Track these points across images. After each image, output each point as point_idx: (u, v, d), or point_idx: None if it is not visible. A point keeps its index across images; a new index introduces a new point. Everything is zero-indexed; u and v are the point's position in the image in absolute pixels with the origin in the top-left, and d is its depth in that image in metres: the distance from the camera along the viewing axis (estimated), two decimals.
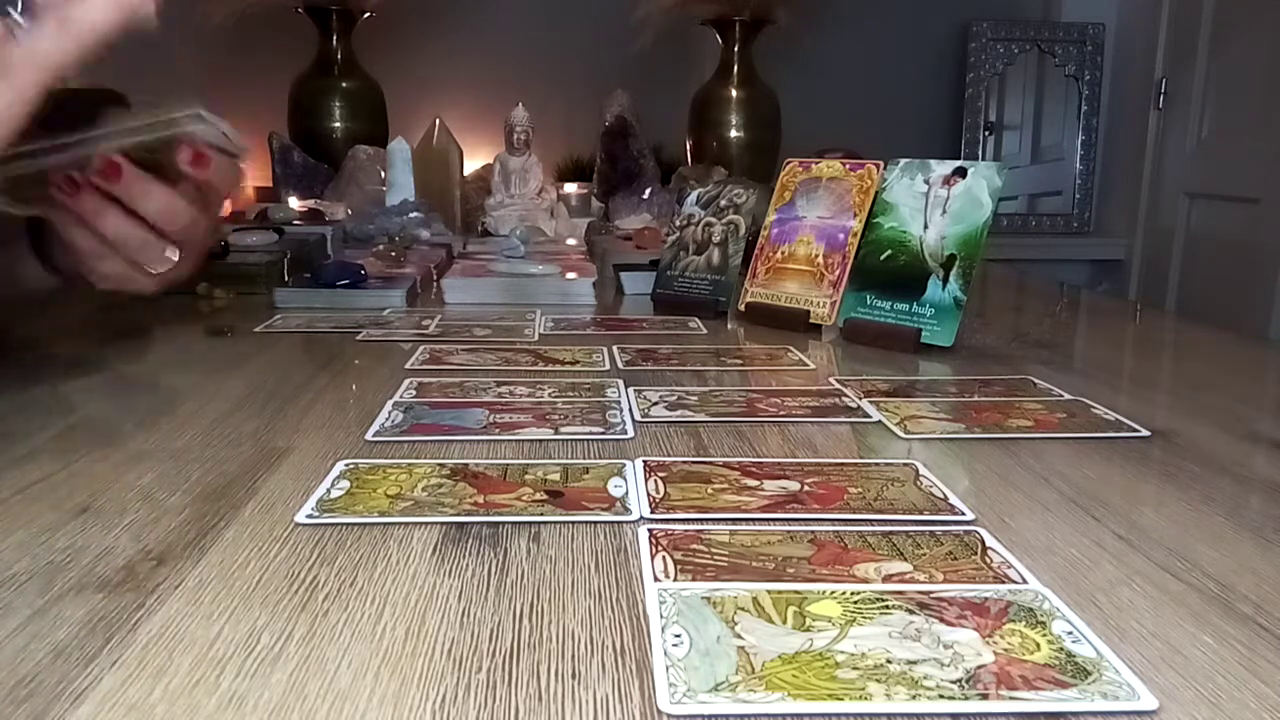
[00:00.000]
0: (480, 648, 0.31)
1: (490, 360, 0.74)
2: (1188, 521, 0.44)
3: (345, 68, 1.94)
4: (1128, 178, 2.28)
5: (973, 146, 2.38)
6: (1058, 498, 0.46)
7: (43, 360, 0.71)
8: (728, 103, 2.01)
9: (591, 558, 0.39)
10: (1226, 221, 1.97)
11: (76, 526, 0.41)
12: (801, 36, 2.08)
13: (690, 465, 0.49)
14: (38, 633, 0.32)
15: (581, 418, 0.58)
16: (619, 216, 1.67)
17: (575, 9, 2.25)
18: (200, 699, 0.28)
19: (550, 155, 2.04)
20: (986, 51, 2.36)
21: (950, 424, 0.58)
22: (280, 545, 0.39)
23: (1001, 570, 0.37)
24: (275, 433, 0.55)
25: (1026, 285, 1.37)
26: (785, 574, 0.37)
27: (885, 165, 0.89)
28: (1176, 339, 1.01)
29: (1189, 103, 2.08)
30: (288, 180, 1.75)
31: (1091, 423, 0.59)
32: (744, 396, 0.64)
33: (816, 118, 2.10)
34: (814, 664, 0.30)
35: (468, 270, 1.11)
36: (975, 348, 0.81)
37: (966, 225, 0.80)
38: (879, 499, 0.45)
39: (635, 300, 1.05)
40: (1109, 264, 2.32)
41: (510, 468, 0.49)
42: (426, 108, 1.94)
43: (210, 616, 0.33)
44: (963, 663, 0.30)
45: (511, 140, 1.55)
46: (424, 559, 0.38)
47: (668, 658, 0.30)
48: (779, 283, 0.91)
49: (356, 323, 0.87)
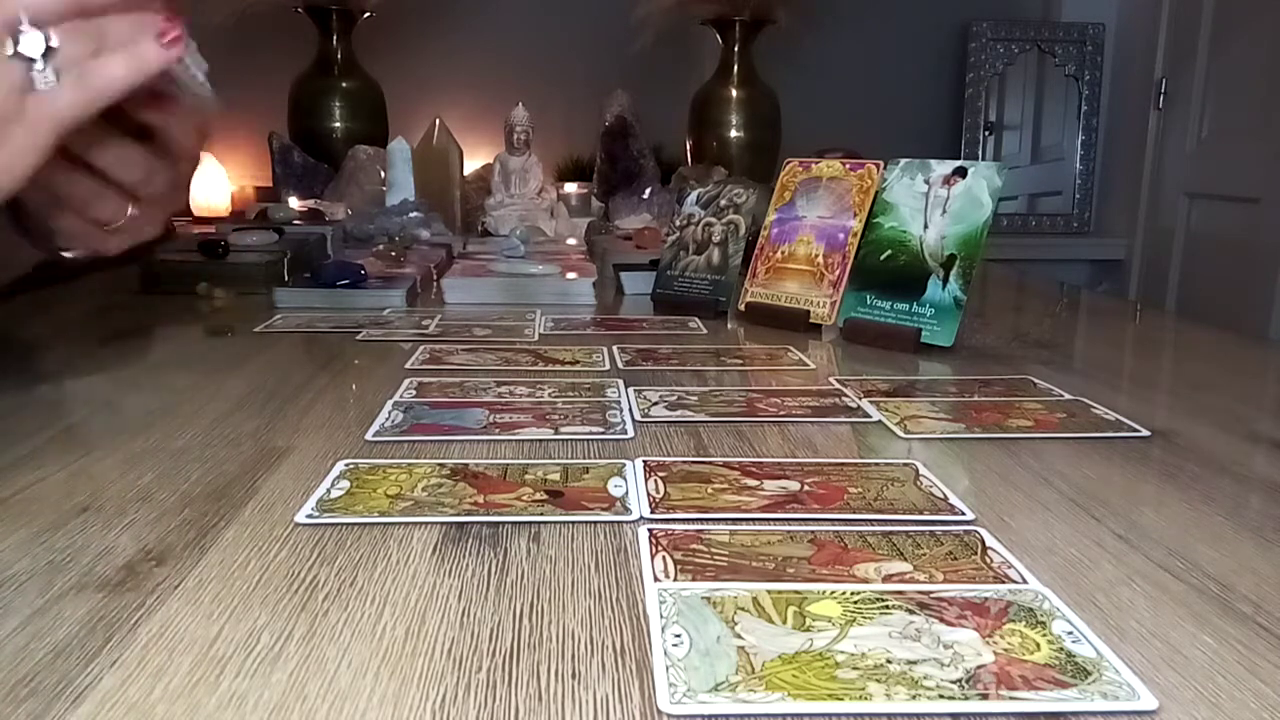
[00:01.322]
0: (480, 648, 0.31)
1: (490, 360, 0.74)
2: (1188, 521, 0.44)
3: (345, 68, 1.94)
4: (1128, 178, 2.28)
5: (973, 146, 2.38)
6: (1058, 497, 0.46)
7: (43, 360, 0.71)
8: (728, 103, 2.01)
9: (591, 558, 0.39)
10: (1226, 221, 1.97)
11: (76, 526, 0.41)
12: (801, 36, 2.08)
13: (690, 465, 0.49)
14: (38, 633, 0.32)
15: (581, 418, 0.58)
16: (619, 216, 1.67)
17: (575, 9, 2.25)
18: (200, 699, 0.28)
19: (550, 155, 2.04)
20: (986, 51, 2.36)
21: (950, 424, 0.58)
22: (280, 545, 0.39)
23: (1001, 570, 0.37)
24: (275, 433, 0.55)
25: (1026, 285, 1.37)
26: (785, 574, 0.37)
27: (885, 165, 0.89)
28: (1176, 339, 1.01)
29: (1189, 103, 2.08)
30: (288, 180, 1.76)
31: (1091, 423, 0.59)
32: (744, 396, 0.64)
33: (816, 118, 2.10)
34: (814, 664, 0.30)
35: (468, 270, 1.11)
36: (975, 348, 0.81)
37: (966, 225, 0.80)
38: (879, 499, 0.45)
39: (635, 300, 1.05)
40: (1109, 264, 2.32)
41: (510, 468, 0.49)
42: (426, 108, 1.94)
43: (210, 616, 0.33)
44: (963, 663, 0.30)
45: (511, 140, 1.55)
46: (424, 559, 0.38)
47: (668, 658, 0.30)
48: (779, 283, 0.91)
49: (356, 323, 0.87)
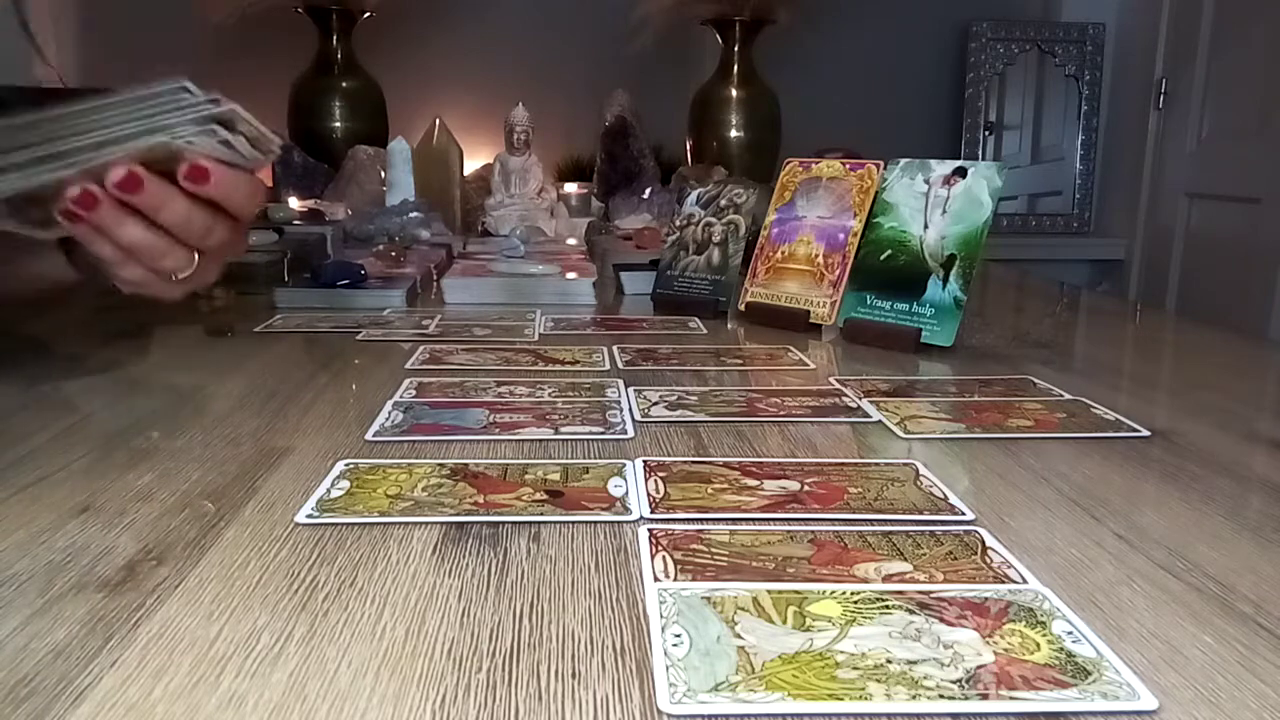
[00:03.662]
0: (480, 648, 0.31)
1: (490, 360, 0.74)
2: (1188, 521, 0.44)
3: (345, 68, 1.94)
4: (1128, 178, 2.28)
5: (973, 146, 2.38)
6: (1058, 497, 0.46)
7: (43, 360, 0.71)
8: (728, 103, 2.01)
9: (591, 558, 0.39)
10: (1226, 221, 1.97)
11: (76, 526, 0.41)
12: (801, 36, 2.08)
13: (690, 465, 0.49)
14: (38, 633, 0.32)
15: (581, 417, 0.58)
16: (619, 216, 1.67)
17: (575, 9, 2.25)
18: (200, 699, 0.28)
19: (550, 155, 2.04)
20: (986, 51, 2.36)
21: (950, 424, 0.58)
22: (280, 545, 0.39)
23: (1001, 570, 0.37)
24: (275, 433, 0.55)
25: (1026, 285, 1.37)
26: (785, 574, 0.37)
27: (885, 165, 0.89)
28: (1176, 339, 1.01)
29: (1189, 103, 2.08)
30: (288, 180, 1.76)
31: (1091, 423, 0.59)
32: (744, 396, 0.64)
33: (816, 118, 2.10)
34: (814, 664, 0.30)
35: (468, 270, 1.11)
36: (975, 348, 0.81)
37: (966, 225, 0.80)
38: (879, 499, 0.45)
39: (635, 300, 1.05)
40: (1109, 264, 2.32)
41: (510, 467, 0.49)
42: (426, 108, 1.94)
43: (210, 616, 0.33)
44: (963, 663, 0.30)
45: (511, 140, 1.55)
46: (424, 559, 0.38)
47: (668, 658, 0.30)
48: (779, 282, 0.91)
49: (356, 323, 0.87)
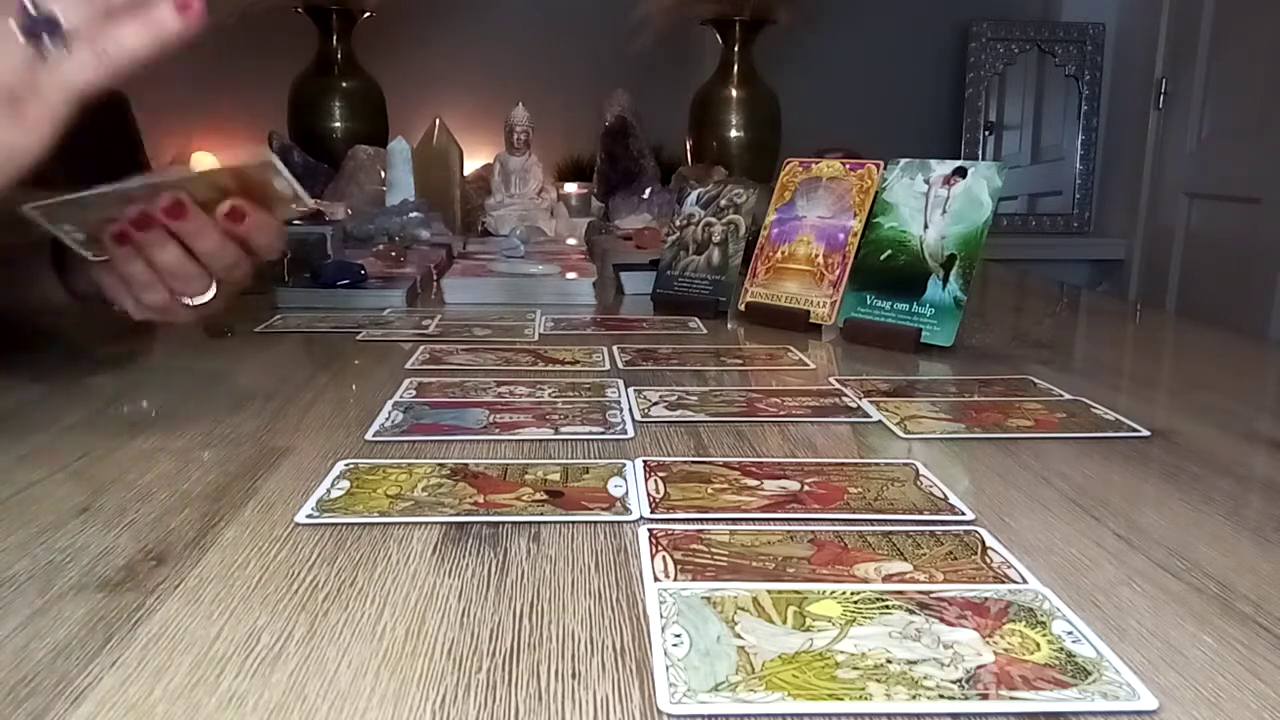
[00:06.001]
0: (480, 648, 0.31)
1: (490, 360, 0.74)
2: (1188, 521, 0.44)
3: (345, 67, 1.94)
4: (1128, 178, 2.28)
5: (973, 146, 2.38)
6: (1058, 497, 0.46)
7: (42, 361, 0.71)
8: (728, 103, 2.01)
9: (591, 558, 0.39)
10: (1226, 221, 1.97)
11: (76, 526, 0.41)
12: (801, 36, 2.08)
13: (690, 465, 0.49)
14: (38, 633, 0.32)
15: (581, 418, 0.58)
16: (619, 216, 1.67)
17: (575, 9, 2.25)
18: (200, 699, 0.28)
19: (550, 155, 2.04)
20: (986, 51, 2.36)
21: (950, 424, 0.58)
22: (280, 545, 0.39)
23: (1001, 570, 0.37)
24: (275, 433, 0.55)
25: (1026, 285, 1.37)
26: (785, 574, 0.37)
27: (885, 165, 0.89)
28: (1176, 339, 1.01)
29: (1189, 103, 2.08)
30: None
31: (1091, 423, 0.59)
32: (744, 396, 0.64)
33: (816, 118, 2.10)
34: (814, 664, 0.30)
35: (468, 270, 1.11)
36: (975, 348, 0.81)
37: (966, 225, 0.80)
38: (879, 499, 0.45)
39: (635, 300, 1.05)
40: (1109, 264, 2.32)
41: (510, 468, 0.49)
42: (426, 108, 1.94)
43: (210, 616, 0.33)
44: (963, 663, 0.30)
45: (511, 140, 1.55)
46: (424, 559, 0.38)
47: (668, 658, 0.30)
48: (779, 282, 0.91)
49: (356, 323, 0.87)
